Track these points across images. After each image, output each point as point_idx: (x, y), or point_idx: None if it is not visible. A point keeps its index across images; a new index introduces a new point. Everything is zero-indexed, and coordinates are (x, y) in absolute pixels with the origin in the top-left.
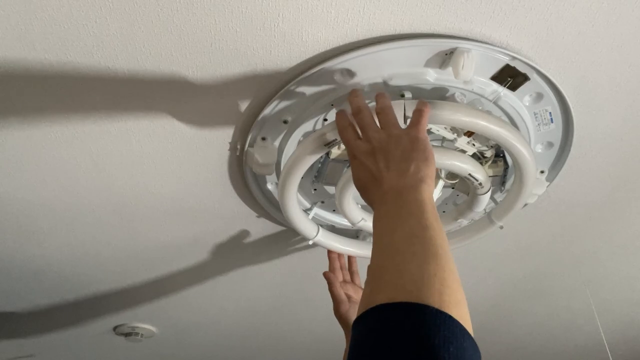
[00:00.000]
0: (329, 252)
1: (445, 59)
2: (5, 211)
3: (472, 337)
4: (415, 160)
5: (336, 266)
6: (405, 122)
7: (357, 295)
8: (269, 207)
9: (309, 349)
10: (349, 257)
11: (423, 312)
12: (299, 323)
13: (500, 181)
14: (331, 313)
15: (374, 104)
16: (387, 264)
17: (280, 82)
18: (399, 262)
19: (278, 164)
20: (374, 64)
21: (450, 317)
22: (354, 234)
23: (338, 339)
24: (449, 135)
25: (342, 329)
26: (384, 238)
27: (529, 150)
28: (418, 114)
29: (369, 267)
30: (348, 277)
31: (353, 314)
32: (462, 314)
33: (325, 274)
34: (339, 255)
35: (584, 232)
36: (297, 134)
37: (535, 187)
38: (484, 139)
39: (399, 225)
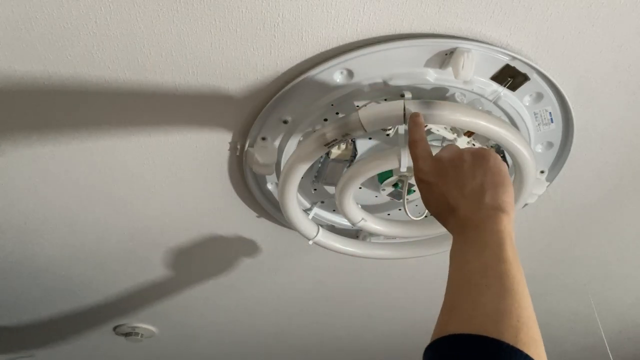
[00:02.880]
0: None
1: (445, 59)
2: (7, 212)
3: None
4: (492, 186)
5: None
6: (405, 122)
7: None
8: (269, 207)
9: (309, 350)
10: None
11: (497, 348)
12: (300, 324)
13: None
14: (331, 314)
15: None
16: (461, 296)
17: (280, 82)
18: (473, 295)
19: (278, 164)
20: (374, 64)
21: (527, 356)
22: (354, 234)
23: (339, 342)
24: (449, 135)
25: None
26: (459, 269)
27: (529, 150)
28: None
29: (445, 296)
30: None
31: None
32: (539, 353)
33: None
34: None
35: (584, 232)
36: (297, 134)
37: (535, 187)
38: (484, 139)
39: (475, 257)
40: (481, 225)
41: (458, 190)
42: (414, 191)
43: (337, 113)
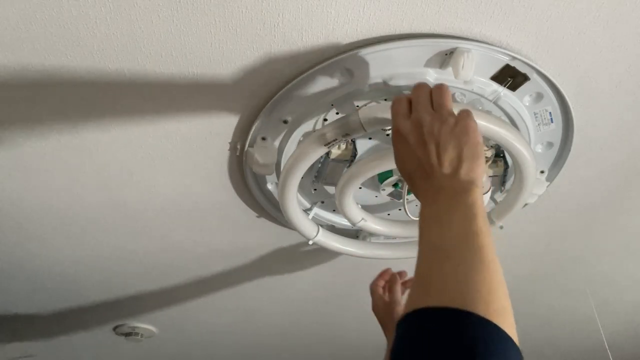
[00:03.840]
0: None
1: (445, 59)
2: (7, 212)
3: (517, 348)
4: (469, 158)
5: (384, 277)
6: None
7: (394, 298)
8: (269, 207)
9: (310, 350)
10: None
11: (468, 319)
12: (300, 324)
13: (500, 181)
14: (331, 313)
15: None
16: (435, 268)
17: (280, 82)
18: (447, 268)
19: (278, 164)
20: (374, 63)
21: (496, 326)
22: (354, 234)
23: (339, 342)
24: None
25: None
26: (433, 241)
27: (529, 150)
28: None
29: (416, 269)
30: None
31: (385, 313)
32: (508, 323)
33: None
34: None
35: (583, 232)
36: (297, 134)
37: (535, 187)
38: (484, 139)
39: (449, 230)
40: (455, 196)
41: (436, 156)
42: None
43: (337, 113)
